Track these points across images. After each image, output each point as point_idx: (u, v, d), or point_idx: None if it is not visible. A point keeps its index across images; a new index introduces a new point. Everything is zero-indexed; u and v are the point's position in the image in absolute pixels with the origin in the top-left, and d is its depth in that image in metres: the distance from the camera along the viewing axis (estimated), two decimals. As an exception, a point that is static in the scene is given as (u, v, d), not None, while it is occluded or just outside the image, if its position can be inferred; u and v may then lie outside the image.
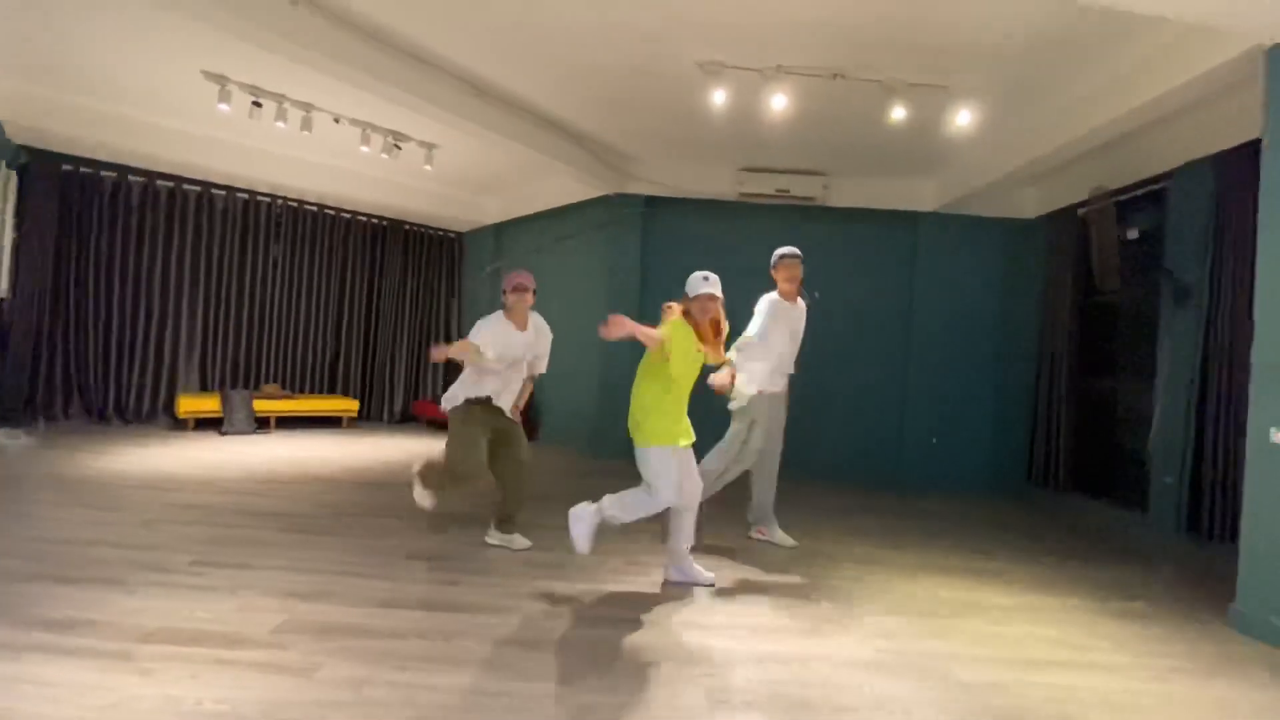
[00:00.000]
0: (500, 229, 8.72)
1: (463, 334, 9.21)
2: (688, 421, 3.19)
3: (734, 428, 3.87)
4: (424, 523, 3.99)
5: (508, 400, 3.64)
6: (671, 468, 3.03)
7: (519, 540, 3.64)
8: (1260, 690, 2.45)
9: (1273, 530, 2.95)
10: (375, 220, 8.74)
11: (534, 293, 3.69)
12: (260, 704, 1.97)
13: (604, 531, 3.22)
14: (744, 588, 3.25)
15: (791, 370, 4.05)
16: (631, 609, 2.86)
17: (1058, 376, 6.01)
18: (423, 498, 3.66)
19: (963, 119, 4.72)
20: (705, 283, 3.12)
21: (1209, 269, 4.53)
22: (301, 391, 8.17)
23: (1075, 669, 2.54)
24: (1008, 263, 6.66)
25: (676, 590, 3.14)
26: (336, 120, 5.95)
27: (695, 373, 3.21)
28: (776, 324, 3.84)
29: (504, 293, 3.62)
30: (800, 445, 4.30)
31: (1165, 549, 4.45)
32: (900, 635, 2.76)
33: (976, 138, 5.43)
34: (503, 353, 3.50)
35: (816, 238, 6.76)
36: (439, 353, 3.31)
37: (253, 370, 7.88)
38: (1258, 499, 3.03)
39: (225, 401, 6.86)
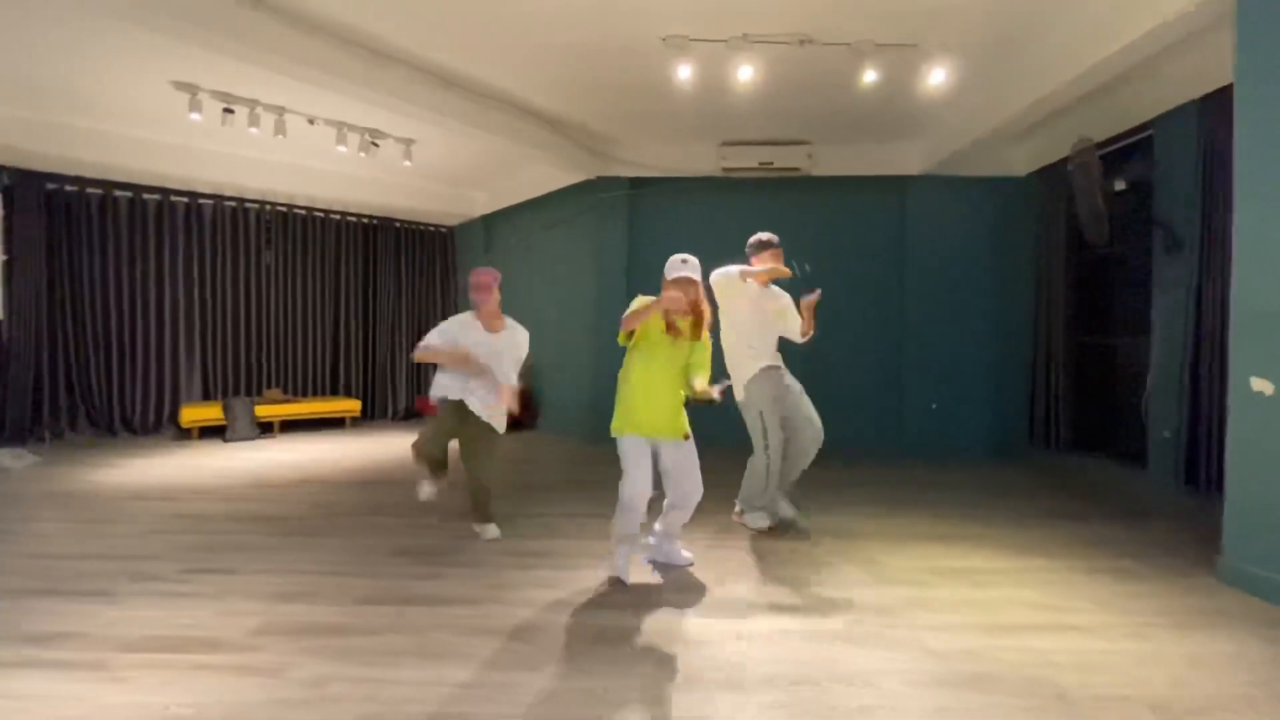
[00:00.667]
0: (489, 220, 8.70)
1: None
2: (669, 413, 2.99)
3: (750, 425, 3.79)
4: (413, 519, 4.04)
5: (480, 403, 3.51)
6: (630, 458, 2.92)
7: (487, 530, 3.68)
8: (1233, 642, 2.42)
9: (1255, 479, 2.89)
10: (365, 220, 8.75)
11: (500, 288, 3.62)
12: (225, 706, 2.02)
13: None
14: (723, 565, 3.24)
15: (775, 362, 3.85)
16: (608, 594, 2.87)
17: (1055, 335, 5.91)
18: (421, 489, 3.64)
19: (936, 78, 4.59)
20: (684, 265, 2.96)
21: (1200, 217, 4.40)
22: (304, 395, 8.26)
23: (1051, 631, 2.52)
24: (1000, 223, 6.53)
25: (658, 572, 3.15)
26: (311, 122, 5.93)
27: (673, 361, 3.01)
28: (735, 302, 3.72)
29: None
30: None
31: (1164, 503, 4.38)
32: (875, 607, 2.75)
33: (956, 96, 5.30)
34: (476, 352, 3.49)
35: (804, 208, 6.70)
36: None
37: (254, 376, 7.97)
38: (1240, 448, 2.97)
39: (227, 409, 6.96)
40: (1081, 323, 5.83)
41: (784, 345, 3.98)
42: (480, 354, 3.50)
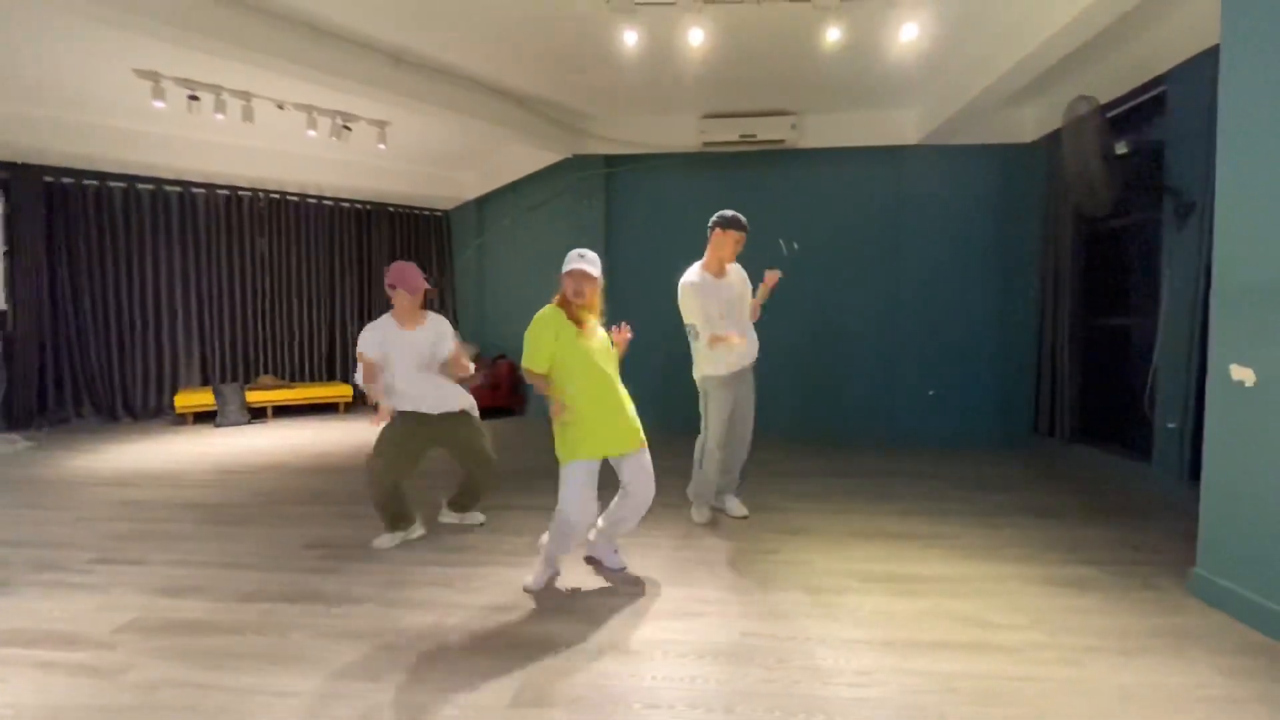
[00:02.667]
0: (481, 203, 8.58)
1: (454, 310, 9.21)
2: (620, 423, 2.70)
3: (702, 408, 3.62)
4: (346, 507, 3.95)
5: (435, 404, 3.30)
6: (581, 481, 2.65)
7: (474, 516, 3.61)
8: (1183, 673, 2.07)
9: (1234, 481, 2.50)
10: (359, 205, 8.74)
11: (424, 290, 3.30)
12: (45, 709, 1.94)
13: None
14: (648, 566, 3.03)
15: (750, 359, 3.61)
16: (500, 598, 2.70)
17: (1061, 316, 5.42)
18: (378, 539, 3.30)
19: (909, 34, 4.17)
20: (580, 260, 2.71)
21: (1211, 180, 3.89)
22: (300, 380, 8.35)
23: (967, 651, 2.23)
24: (1004, 194, 6.01)
25: (593, 569, 2.96)
26: (280, 106, 5.88)
27: (609, 359, 2.77)
28: (702, 303, 3.46)
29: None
30: (782, 405, 3.99)
31: (1163, 501, 3.95)
32: (781, 616, 2.50)
33: (942, 55, 4.86)
34: (395, 355, 3.23)
35: (789, 183, 6.32)
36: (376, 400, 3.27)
37: (250, 362, 8.09)
38: (1218, 446, 2.58)
39: (217, 395, 7.06)
40: (1092, 302, 5.32)
41: (773, 323, 3.72)
42: (405, 352, 3.24)
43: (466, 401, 3.43)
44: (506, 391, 7.51)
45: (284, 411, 7.75)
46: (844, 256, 6.28)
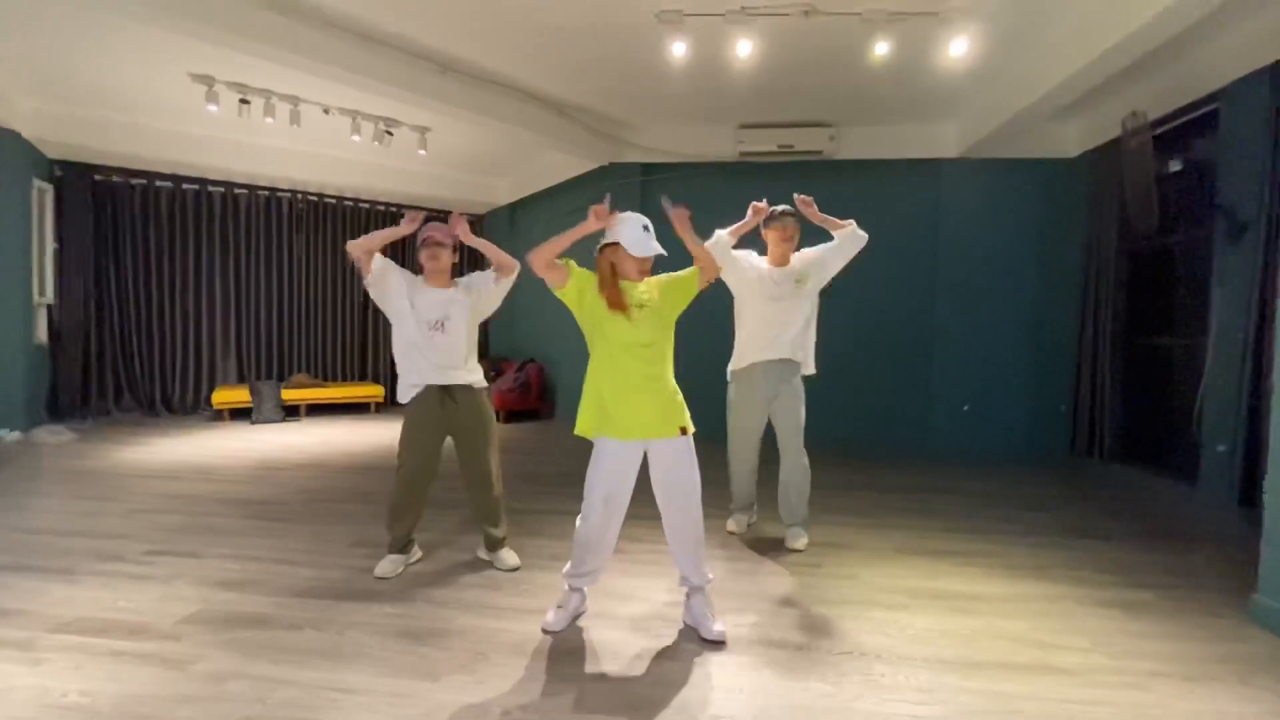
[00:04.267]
0: (515, 208, 8.67)
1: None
2: (640, 405, 2.36)
3: None
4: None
5: (455, 374, 2.96)
6: (595, 470, 2.41)
7: (507, 558, 3.07)
8: (1252, 701, 2.03)
9: (1302, 508, 2.46)
10: (395, 208, 8.87)
11: (455, 249, 3.04)
12: (120, 696, 1.98)
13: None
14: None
15: (772, 355, 3.34)
16: (550, 599, 2.71)
17: (1103, 334, 5.37)
18: (380, 565, 2.98)
19: (959, 49, 4.17)
20: (647, 235, 2.35)
21: (1268, 201, 3.85)
22: (332, 379, 8.47)
23: (1029, 672, 2.20)
24: (1046, 209, 5.97)
25: (605, 579, 2.97)
26: (326, 111, 6.00)
27: (627, 339, 2.37)
28: (742, 280, 3.36)
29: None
30: (817, 417, 3.92)
31: (1211, 526, 3.87)
32: (833, 630, 2.49)
33: (989, 68, 4.84)
34: (421, 311, 2.91)
35: (826, 195, 6.24)
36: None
37: (285, 360, 8.23)
38: (1285, 471, 2.53)
39: (254, 392, 7.19)
40: (1134, 321, 5.26)
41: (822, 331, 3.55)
42: (435, 313, 2.94)
43: (481, 383, 3.05)
44: (537, 395, 7.56)
45: (317, 410, 7.86)
46: (881, 269, 6.23)
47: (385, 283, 2.97)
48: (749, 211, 3.34)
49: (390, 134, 6.38)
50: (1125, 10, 3.65)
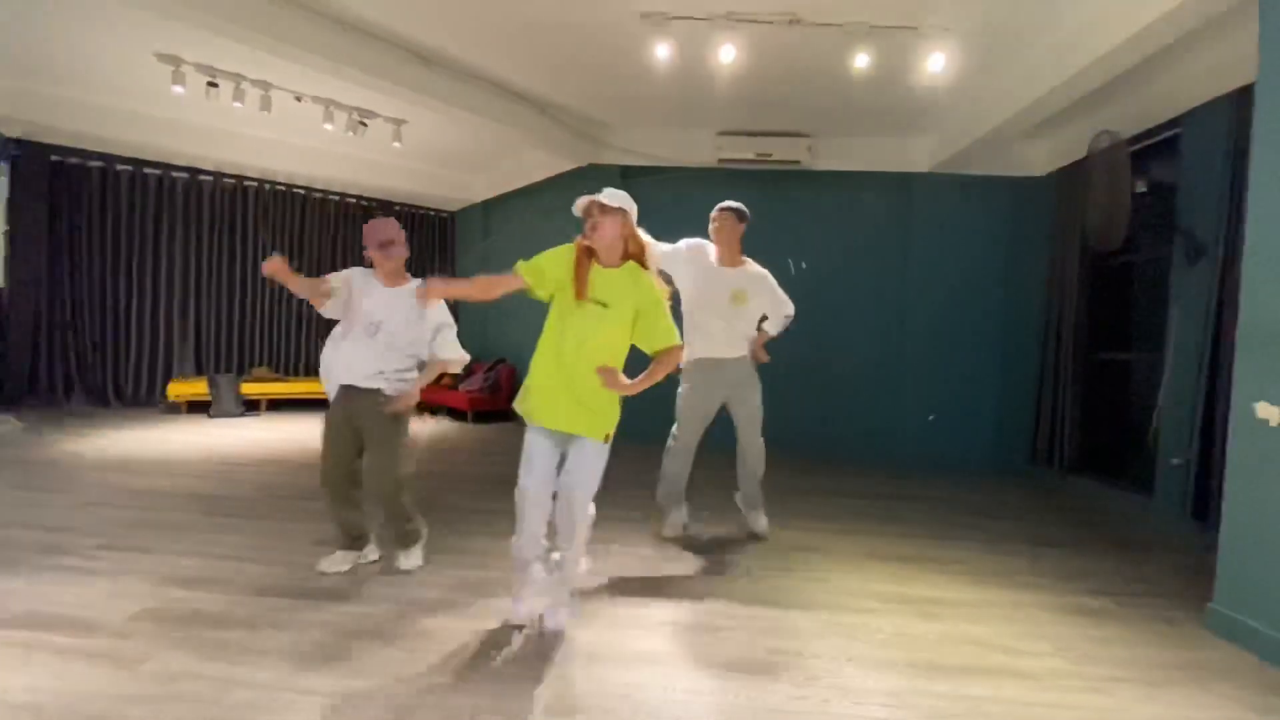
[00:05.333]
0: (488, 206, 8.58)
1: (457, 312, 9.16)
2: (577, 395, 2.28)
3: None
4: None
5: (365, 379, 2.79)
6: (526, 447, 2.35)
7: (400, 560, 2.92)
8: (1207, 708, 2.09)
9: (1255, 519, 2.54)
10: (365, 201, 8.71)
11: (406, 244, 2.92)
12: (67, 695, 1.88)
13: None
14: (653, 576, 3.01)
15: (731, 352, 3.38)
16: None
17: (1064, 349, 5.50)
18: (322, 561, 2.88)
19: (936, 64, 4.26)
20: (610, 196, 2.31)
21: (1225, 225, 3.99)
22: (295, 374, 8.25)
23: (991, 676, 2.23)
24: (1013, 225, 6.13)
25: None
26: (299, 99, 5.86)
27: (584, 325, 2.28)
28: (687, 270, 3.30)
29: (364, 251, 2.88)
30: (786, 423, 3.96)
31: (1166, 538, 4.00)
32: (803, 633, 2.49)
33: (964, 86, 4.95)
34: (367, 312, 2.79)
35: (802, 204, 6.39)
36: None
37: (246, 353, 8.00)
38: (1240, 481, 2.62)
39: (212, 385, 6.96)
40: (1094, 336, 5.41)
41: (777, 342, 3.61)
42: (381, 314, 2.81)
43: (398, 390, 2.82)
44: (507, 396, 7.47)
45: (278, 405, 7.64)
46: (852, 279, 6.35)
47: (345, 297, 2.86)
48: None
49: (364, 124, 6.26)
50: (1097, 33, 3.77)
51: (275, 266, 2.67)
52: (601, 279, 2.33)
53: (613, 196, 2.33)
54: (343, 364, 2.84)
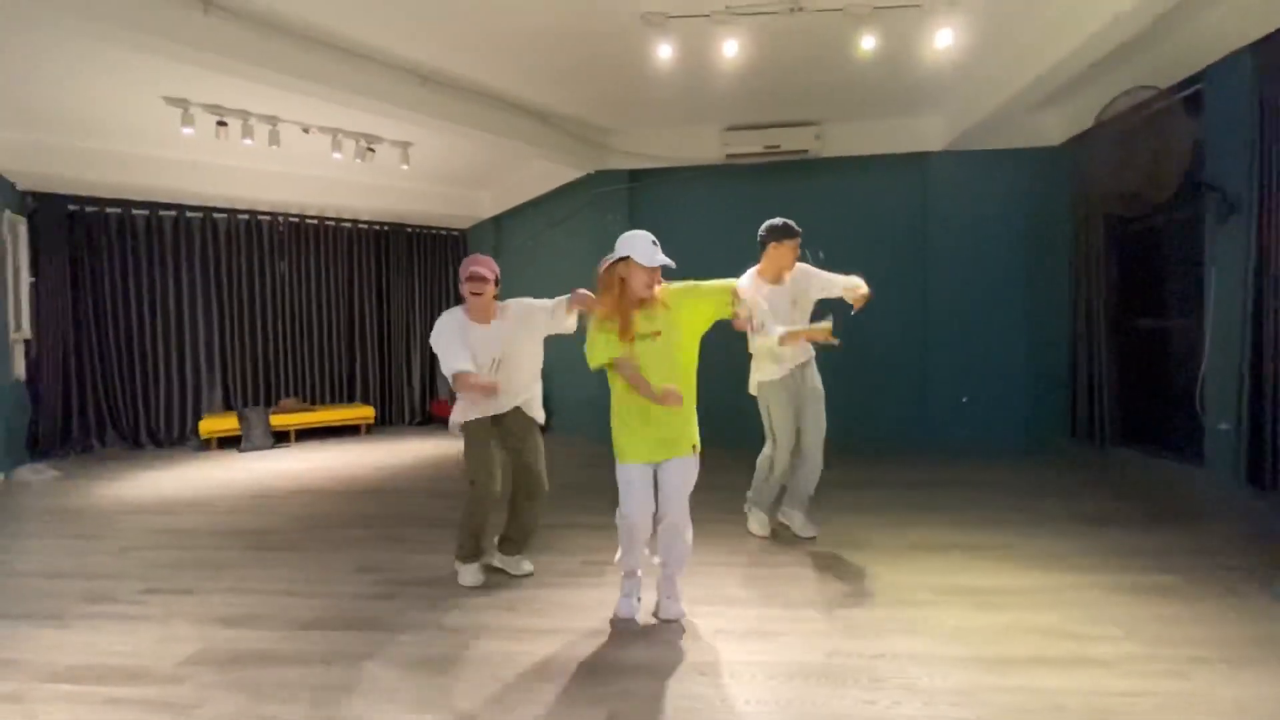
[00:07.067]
0: (499, 221, 8.58)
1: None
2: (664, 431, 2.48)
3: (762, 416, 3.53)
4: (387, 530, 3.90)
5: (510, 400, 3.02)
6: (626, 486, 2.49)
7: (522, 564, 3.14)
8: (1297, 685, 2.00)
9: (1325, 483, 2.43)
10: (378, 226, 8.75)
11: (497, 282, 2.99)
12: (123, 749, 1.87)
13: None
14: (696, 576, 2.95)
15: (800, 358, 3.46)
16: (567, 623, 2.62)
17: (1096, 319, 5.37)
18: (465, 575, 3.04)
19: (944, 40, 4.16)
20: (655, 248, 2.42)
21: (1257, 180, 3.86)
22: (322, 402, 8.31)
23: (1066, 666, 2.15)
24: (1033, 198, 5.99)
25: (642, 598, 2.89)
26: (306, 130, 5.89)
27: (650, 359, 2.45)
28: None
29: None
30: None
31: (1222, 506, 3.87)
32: (862, 633, 2.42)
33: (973, 60, 4.85)
34: (481, 351, 2.89)
35: (814, 193, 6.30)
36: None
37: (273, 386, 8.05)
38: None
39: (242, 420, 7.02)
40: (1127, 304, 5.27)
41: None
42: (492, 351, 2.94)
43: (536, 411, 3.13)
44: (531, 409, 7.45)
45: (306, 434, 7.69)
46: (872, 265, 6.16)
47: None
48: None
49: (372, 150, 6.28)
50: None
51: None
52: (645, 316, 2.49)
53: (658, 248, 2.46)
54: (488, 408, 2.99)
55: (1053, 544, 3.33)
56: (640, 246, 2.42)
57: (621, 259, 2.44)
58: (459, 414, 3.02)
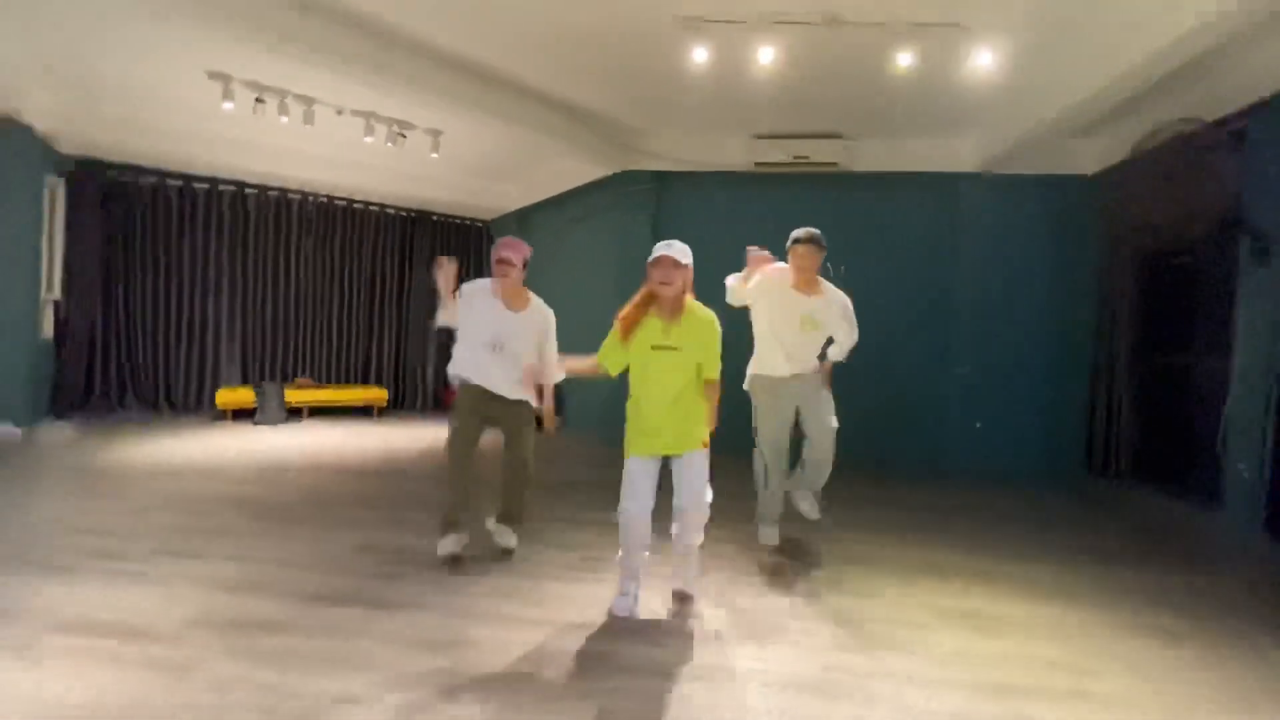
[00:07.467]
0: (523, 215, 8.63)
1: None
2: (673, 425, 2.61)
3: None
4: (394, 513, 3.93)
5: (506, 389, 3.10)
6: (628, 479, 2.60)
7: (505, 537, 3.25)
8: (1304, 737, 1.95)
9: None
10: (404, 213, 8.85)
11: (525, 265, 3.11)
12: (122, 702, 1.91)
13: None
14: (716, 592, 2.94)
15: (798, 369, 3.40)
16: (566, 617, 2.63)
17: (1119, 352, 5.30)
18: (443, 545, 3.10)
19: (983, 61, 4.13)
20: (667, 247, 2.56)
21: (1296, 220, 3.80)
22: (336, 382, 8.41)
23: (1065, 698, 2.11)
24: (1062, 226, 5.91)
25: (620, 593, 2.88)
26: (339, 112, 5.97)
27: (661, 368, 2.59)
28: (762, 300, 3.36)
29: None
30: None
31: (1238, 553, 3.79)
32: (860, 649, 2.40)
33: (1011, 83, 4.79)
34: (486, 328, 3.04)
35: (840, 207, 6.26)
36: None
37: (289, 362, 8.17)
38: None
39: (258, 393, 7.12)
40: (1151, 339, 5.20)
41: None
42: (494, 332, 3.05)
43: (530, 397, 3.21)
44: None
45: (319, 412, 7.78)
46: (894, 282, 6.20)
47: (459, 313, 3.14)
48: (747, 257, 3.28)
49: (403, 136, 6.35)
50: (1154, 26, 3.62)
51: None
52: (673, 328, 2.60)
53: (683, 253, 2.59)
54: (482, 373, 3.09)
55: (1060, 577, 3.28)
56: (655, 248, 2.58)
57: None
58: (458, 369, 3.15)
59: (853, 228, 6.23)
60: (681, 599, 2.76)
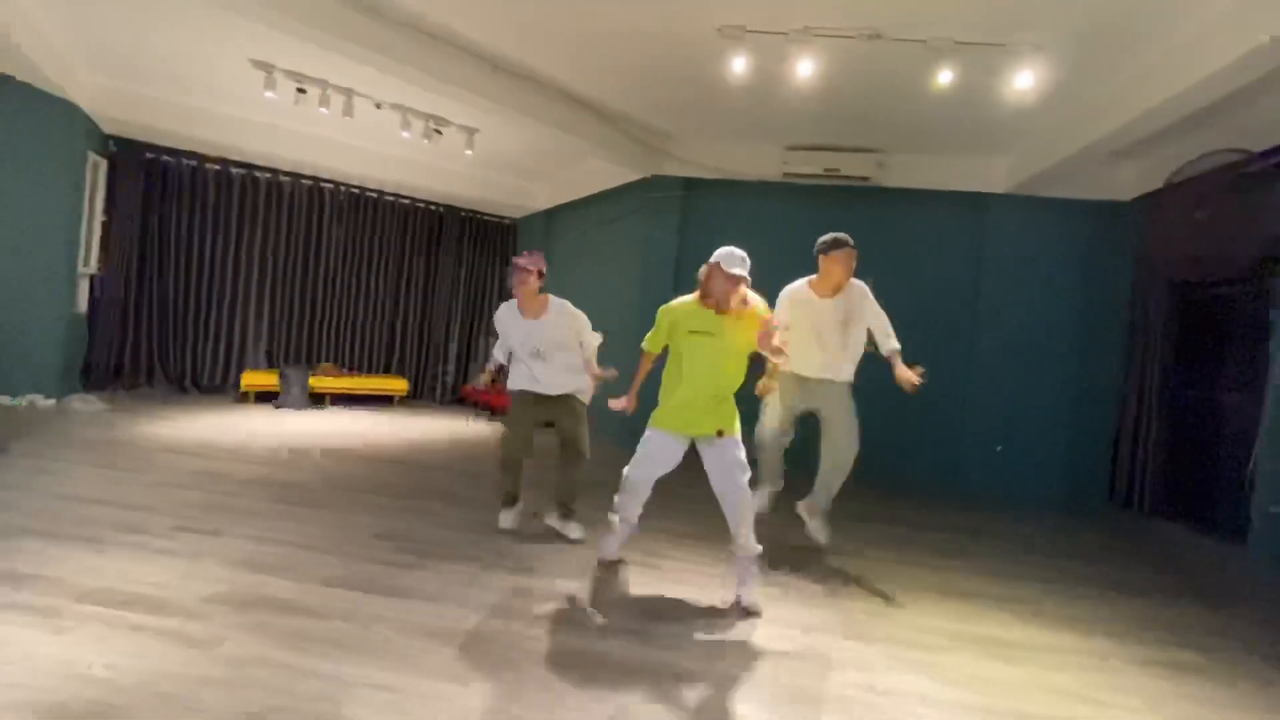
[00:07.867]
0: (550, 215, 8.69)
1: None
2: (709, 409, 2.81)
3: None
4: (413, 502, 3.97)
5: (551, 387, 3.51)
6: (643, 448, 2.92)
7: (572, 530, 3.55)
8: (1329, 786, 1.90)
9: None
10: (433, 207, 8.95)
11: (540, 275, 3.43)
12: (145, 673, 1.95)
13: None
14: (714, 595, 2.94)
15: (830, 374, 3.50)
16: (581, 614, 2.64)
17: (1148, 383, 5.21)
18: (501, 519, 3.61)
19: (1025, 82, 4.10)
20: (741, 264, 2.69)
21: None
22: (358, 370, 8.51)
23: (1080, 730, 2.09)
24: (1094, 251, 5.84)
25: (637, 595, 2.90)
26: (378, 106, 6.07)
27: (708, 357, 2.77)
28: (796, 311, 3.45)
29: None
30: None
31: (1262, 591, 3.70)
32: (873, 667, 2.39)
33: (1048, 105, 4.76)
34: (522, 342, 3.47)
35: (870, 221, 6.20)
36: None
37: (314, 348, 8.29)
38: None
39: (282, 377, 7.23)
40: (1181, 371, 5.10)
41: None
42: (521, 342, 3.48)
43: (578, 386, 3.59)
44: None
45: (341, 399, 7.88)
46: (921, 300, 6.14)
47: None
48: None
49: (439, 132, 6.43)
50: (1218, 44, 3.55)
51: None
52: (704, 316, 2.80)
53: (745, 265, 2.72)
54: (530, 379, 3.52)
55: (1078, 607, 3.23)
56: (726, 256, 2.71)
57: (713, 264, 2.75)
58: (512, 383, 3.60)
59: (881, 243, 6.19)
60: (747, 613, 2.76)
